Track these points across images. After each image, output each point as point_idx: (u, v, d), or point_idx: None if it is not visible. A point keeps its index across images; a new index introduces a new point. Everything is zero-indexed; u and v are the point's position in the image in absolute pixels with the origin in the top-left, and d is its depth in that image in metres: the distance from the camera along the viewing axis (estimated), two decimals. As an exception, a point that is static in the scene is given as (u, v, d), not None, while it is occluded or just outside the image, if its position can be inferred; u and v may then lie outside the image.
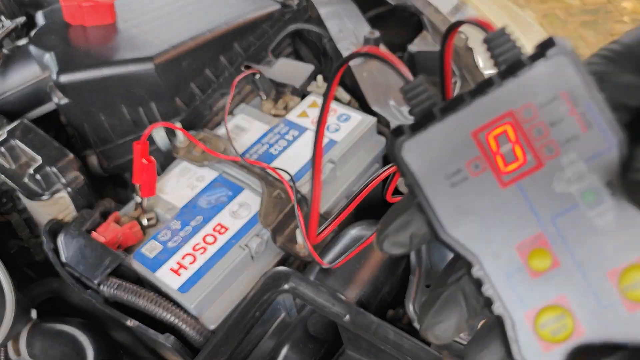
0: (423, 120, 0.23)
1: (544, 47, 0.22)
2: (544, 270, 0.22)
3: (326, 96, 0.26)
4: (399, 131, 0.23)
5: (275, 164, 0.80)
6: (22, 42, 0.92)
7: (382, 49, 0.23)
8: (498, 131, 0.22)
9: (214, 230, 0.73)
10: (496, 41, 0.22)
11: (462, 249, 0.23)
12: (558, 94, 0.21)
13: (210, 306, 0.68)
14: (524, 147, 0.22)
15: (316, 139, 0.28)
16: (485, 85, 0.22)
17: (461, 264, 0.24)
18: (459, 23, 0.24)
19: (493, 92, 0.22)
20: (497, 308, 0.23)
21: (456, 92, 0.92)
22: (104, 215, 0.76)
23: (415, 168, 0.22)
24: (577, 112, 0.21)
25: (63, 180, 0.74)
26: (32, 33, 0.91)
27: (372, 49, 0.24)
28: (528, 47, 0.23)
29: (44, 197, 0.72)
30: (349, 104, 0.93)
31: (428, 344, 0.58)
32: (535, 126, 0.22)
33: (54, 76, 0.83)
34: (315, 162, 0.27)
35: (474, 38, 1.01)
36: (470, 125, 0.22)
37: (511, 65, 0.22)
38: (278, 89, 0.93)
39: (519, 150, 0.22)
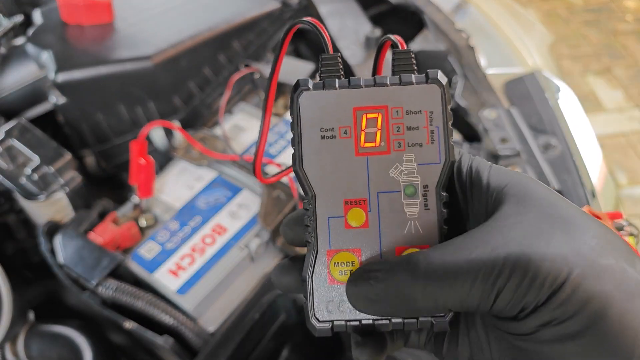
0: (325, 83, 0.29)
1: (429, 75, 0.28)
2: (356, 227, 0.29)
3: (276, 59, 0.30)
4: (304, 82, 0.29)
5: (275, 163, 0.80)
6: (20, 41, 0.92)
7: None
8: (371, 115, 0.28)
9: (213, 231, 0.72)
10: (402, 56, 0.29)
11: (307, 184, 0.28)
12: (422, 110, 0.28)
13: (209, 308, 0.67)
14: (382, 135, 0.28)
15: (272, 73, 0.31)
16: (379, 80, 0.28)
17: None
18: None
19: (381, 88, 0.28)
20: (310, 237, 0.29)
21: (458, 91, 0.91)
22: (102, 216, 0.75)
23: (302, 112, 0.28)
24: (429, 128, 0.28)
25: (61, 181, 0.74)
26: (30, 32, 0.90)
27: (312, 19, 0.29)
28: (530, 45, 0.22)
29: (41, 198, 0.72)
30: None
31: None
32: (397, 124, 0.28)
33: (52, 75, 0.82)
34: (268, 98, 0.32)
35: (475, 37, 1.00)
36: (356, 102, 0.28)
37: (402, 76, 0.28)
38: (278, 88, 0.92)
39: (378, 135, 0.28)
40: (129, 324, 0.65)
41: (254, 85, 0.93)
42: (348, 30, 0.99)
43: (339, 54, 0.29)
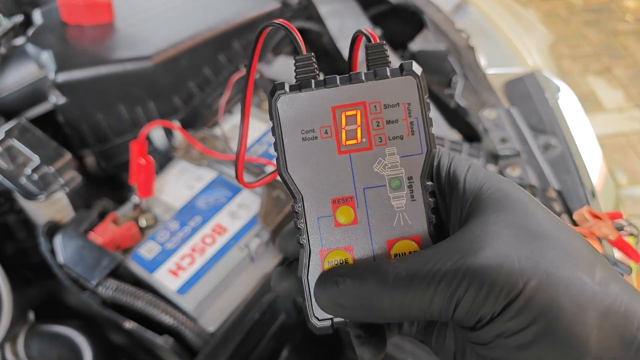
0: (302, 85, 0.29)
1: (403, 67, 0.28)
2: (345, 224, 0.29)
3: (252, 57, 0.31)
4: (280, 86, 0.29)
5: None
6: (20, 41, 0.92)
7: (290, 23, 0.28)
8: (350, 113, 0.28)
9: (213, 231, 0.72)
10: (375, 49, 0.29)
11: (294, 187, 0.29)
12: (400, 103, 0.28)
13: (209, 308, 0.67)
14: (363, 131, 0.28)
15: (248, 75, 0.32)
16: (355, 77, 0.28)
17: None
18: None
19: (357, 84, 0.28)
20: (302, 239, 0.29)
21: (458, 91, 0.91)
22: (102, 216, 0.75)
23: (282, 116, 0.29)
24: (408, 120, 0.28)
25: (61, 181, 0.74)
26: (30, 32, 0.90)
27: (282, 20, 0.29)
28: (530, 45, 0.22)
29: (41, 198, 0.72)
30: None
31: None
32: (377, 119, 0.28)
33: (52, 75, 0.82)
34: (246, 94, 0.32)
35: (475, 37, 1.00)
36: (333, 101, 0.28)
37: (377, 70, 0.28)
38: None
39: (359, 132, 0.28)
40: (129, 324, 0.65)
41: (254, 85, 0.93)
42: (348, 30, 0.99)
43: (312, 54, 0.29)
